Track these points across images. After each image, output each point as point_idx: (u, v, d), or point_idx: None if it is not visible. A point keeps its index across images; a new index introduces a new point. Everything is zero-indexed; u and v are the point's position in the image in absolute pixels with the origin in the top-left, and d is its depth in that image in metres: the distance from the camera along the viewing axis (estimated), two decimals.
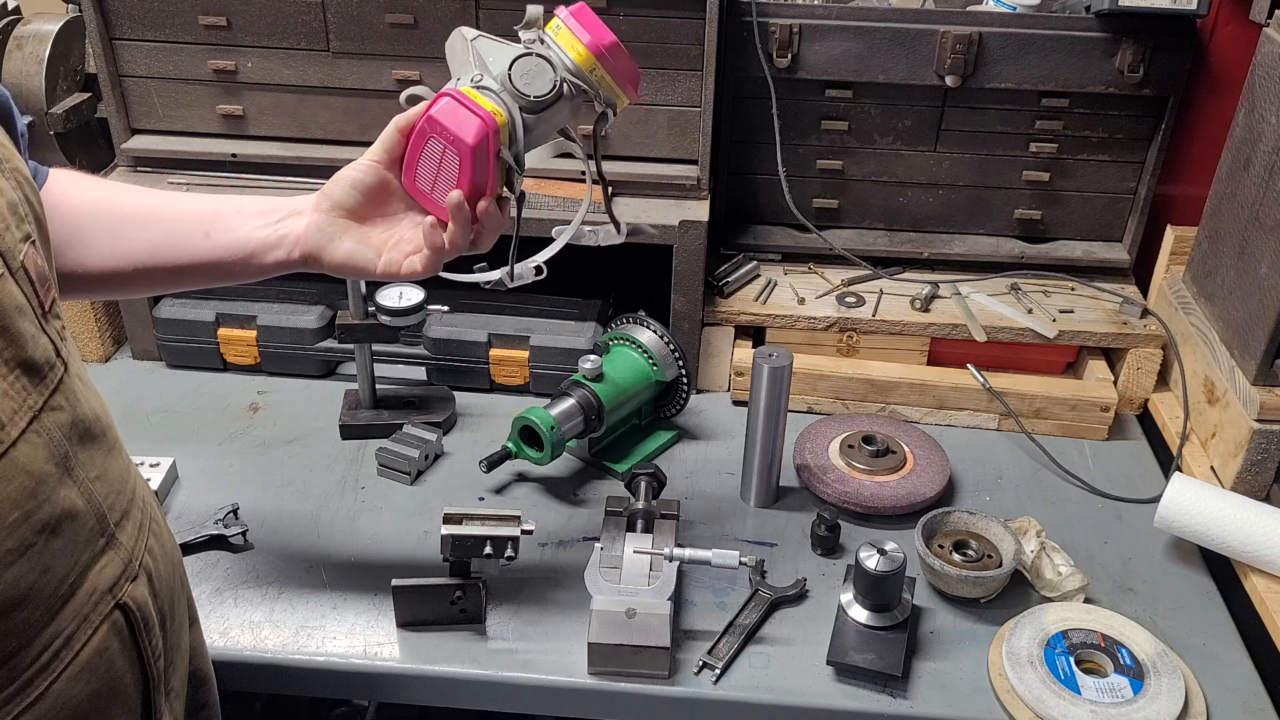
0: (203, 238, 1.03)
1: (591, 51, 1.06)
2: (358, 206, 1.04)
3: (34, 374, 0.72)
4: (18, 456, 0.70)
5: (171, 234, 1.03)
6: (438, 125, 1.01)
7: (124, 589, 0.81)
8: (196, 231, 1.04)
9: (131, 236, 1.02)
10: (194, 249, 1.04)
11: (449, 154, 1.01)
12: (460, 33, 1.07)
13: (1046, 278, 1.67)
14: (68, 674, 0.75)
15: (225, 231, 1.04)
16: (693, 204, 1.54)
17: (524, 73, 1.04)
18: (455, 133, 1.00)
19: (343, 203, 1.04)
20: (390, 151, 1.04)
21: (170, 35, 1.51)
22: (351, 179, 1.04)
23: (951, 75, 1.53)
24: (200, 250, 1.04)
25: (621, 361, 1.47)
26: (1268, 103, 1.36)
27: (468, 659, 1.17)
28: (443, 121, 1.01)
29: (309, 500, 1.39)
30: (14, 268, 0.71)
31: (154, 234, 1.03)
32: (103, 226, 1.02)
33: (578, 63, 1.06)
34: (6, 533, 0.69)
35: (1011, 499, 1.43)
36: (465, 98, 1.01)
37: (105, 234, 1.02)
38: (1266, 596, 1.23)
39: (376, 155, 1.04)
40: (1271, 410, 1.33)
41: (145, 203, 1.06)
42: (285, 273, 1.06)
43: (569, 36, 1.06)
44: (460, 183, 1.01)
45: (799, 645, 1.20)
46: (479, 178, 1.02)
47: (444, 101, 1.01)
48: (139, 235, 1.03)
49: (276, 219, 1.04)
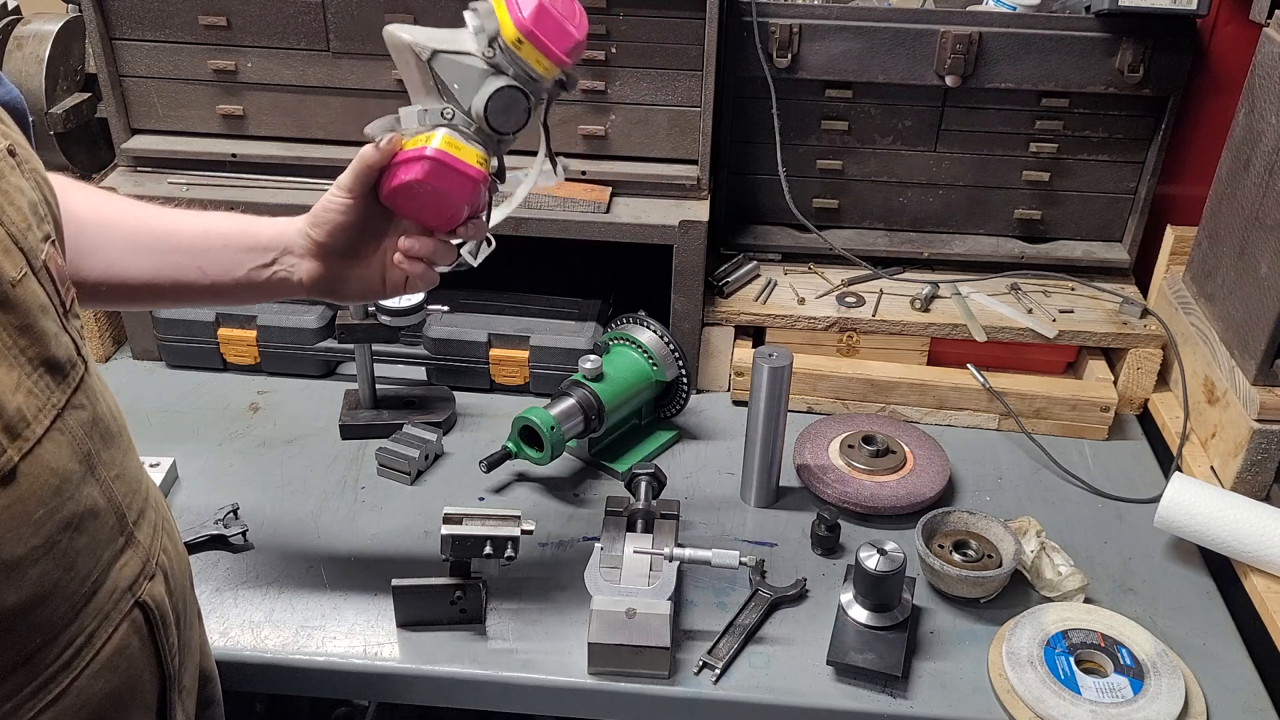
0: (198, 273, 1.04)
1: (554, 63, 1.02)
2: (351, 245, 1.05)
3: (57, 372, 0.73)
4: (43, 454, 0.70)
5: (167, 266, 1.04)
6: (428, 187, 1.01)
7: (143, 587, 0.82)
8: (191, 267, 1.04)
9: (125, 260, 1.03)
10: (192, 281, 1.04)
11: (442, 201, 1.02)
12: (401, 40, 1.02)
13: (1046, 278, 1.67)
14: (89, 671, 0.76)
15: (220, 270, 1.04)
16: (693, 204, 1.54)
17: (499, 111, 1.02)
18: (448, 194, 1.01)
19: (337, 247, 1.05)
20: (365, 185, 1.03)
21: (170, 35, 1.51)
22: (339, 222, 1.04)
23: (951, 75, 1.53)
24: (199, 284, 1.04)
25: (621, 361, 1.47)
26: (1268, 103, 1.36)
27: (468, 659, 1.17)
28: (434, 185, 1.01)
29: (309, 500, 1.39)
30: (36, 267, 0.72)
31: (152, 262, 1.03)
32: (103, 242, 1.02)
33: (542, 73, 1.03)
34: (32, 530, 0.70)
35: (1011, 499, 1.43)
36: (449, 158, 1.00)
37: (105, 250, 1.02)
38: (1266, 596, 1.23)
39: (354, 191, 1.03)
40: (1271, 410, 1.33)
41: (140, 224, 1.05)
42: None
43: (533, 52, 1.01)
44: (449, 222, 1.04)
45: (799, 645, 1.20)
46: (470, 214, 1.05)
47: (430, 165, 1.00)
48: (135, 260, 1.03)
49: (272, 259, 1.05)
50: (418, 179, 1.00)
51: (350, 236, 1.05)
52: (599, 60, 1.48)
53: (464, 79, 1.02)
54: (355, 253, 1.06)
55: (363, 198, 1.03)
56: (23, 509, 0.69)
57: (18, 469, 0.68)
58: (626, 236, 1.51)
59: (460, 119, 1.02)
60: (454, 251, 1.07)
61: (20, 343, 0.69)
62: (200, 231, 1.05)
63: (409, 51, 1.02)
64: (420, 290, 1.10)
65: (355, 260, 1.06)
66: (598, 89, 1.50)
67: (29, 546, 0.70)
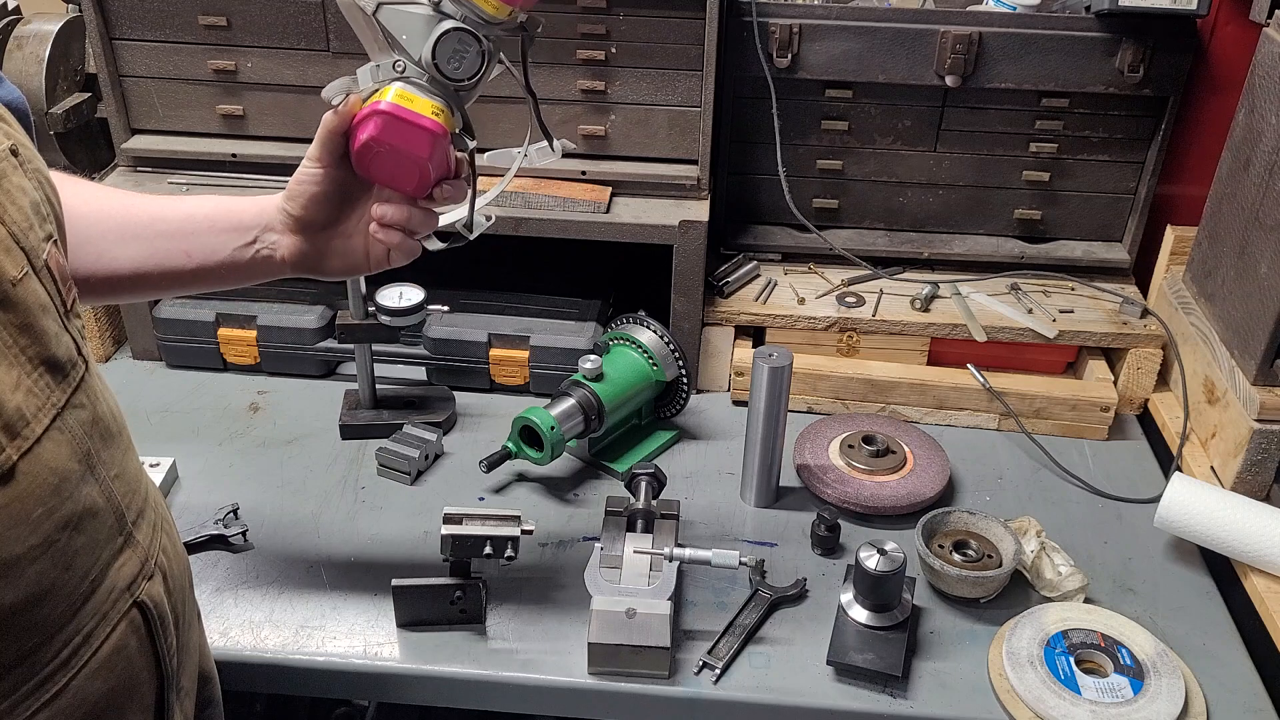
0: (184, 257, 1.03)
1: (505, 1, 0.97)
2: (329, 217, 1.04)
3: (57, 372, 0.73)
4: (42, 454, 0.70)
5: (155, 252, 1.03)
6: (385, 144, 0.98)
7: (141, 587, 0.82)
8: (178, 252, 1.03)
9: (114, 250, 1.02)
10: (178, 266, 1.04)
11: (404, 159, 0.99)
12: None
13: (1046, 278, 1.67)
14: (86, 671, 0.76)
15: (206, 252, 1.04)
16: (693, 204, 1.54)
17: (449, 57, 0.97)
18: (406, 151, 0.98)
19: (316, 220, 1.04)
20: (333, 152, 1.01)
21: (170, 35, 1.51)
22: (313, 194, 1.02)
23: (951, 75, 1.53)
24: (185, 269, 1.04)
25: (621, 361, 1.47)
26: (1268, 103, 1.36)
27: (468, 659, 1.17)
28: (390, 141, 0.97)
29: (309, 500, 1.39)
30: (38, 266, 0.72)
31: (139, 250, 1.03)
32: (93, 234, 1.02)
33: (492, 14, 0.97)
34: (31, 529, 0.70)
35: (1011, 499, 1.43)
36: (404, 111, 0.97)
37: (95, 241, 1.02)
38: (1266, 596, 1.23)
39: (323, 160, 1.01)
40: (1271, 410, 1.33)
41: (128, 214, 1.05)
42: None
43: None
44: (421, 183, 1.01)
45: (799, 645, 1.20)
46: (438, 174, 1.01)
47: (382, 119, 0.97)
48: (123, 250, 1.03)
49: (254, 237, 1.04)
50: (373, 136, 0.98)
51: (328, 208, 1.03)
52: (599, 60, 1.48)
53: (410, 28, 0.98)
54: (335, 226, 1.04)
55: (333, 166, 1.01)
56: (21, 508, 0.69)
57: (17, 468, 0.68)
58: (626, 236, 1.51)
59: (412, 70, 0.99)
60: (434, 219, 1.05)
61: (20, 342, 0.69)
62: (185, 215, 1.05)
63: (355, 8, 0.98)
64: (402, 262, 1.06)
65: (335, 233, 1.05)
66: (598, 89, 1.50)
67: (27, 546, 0.70)
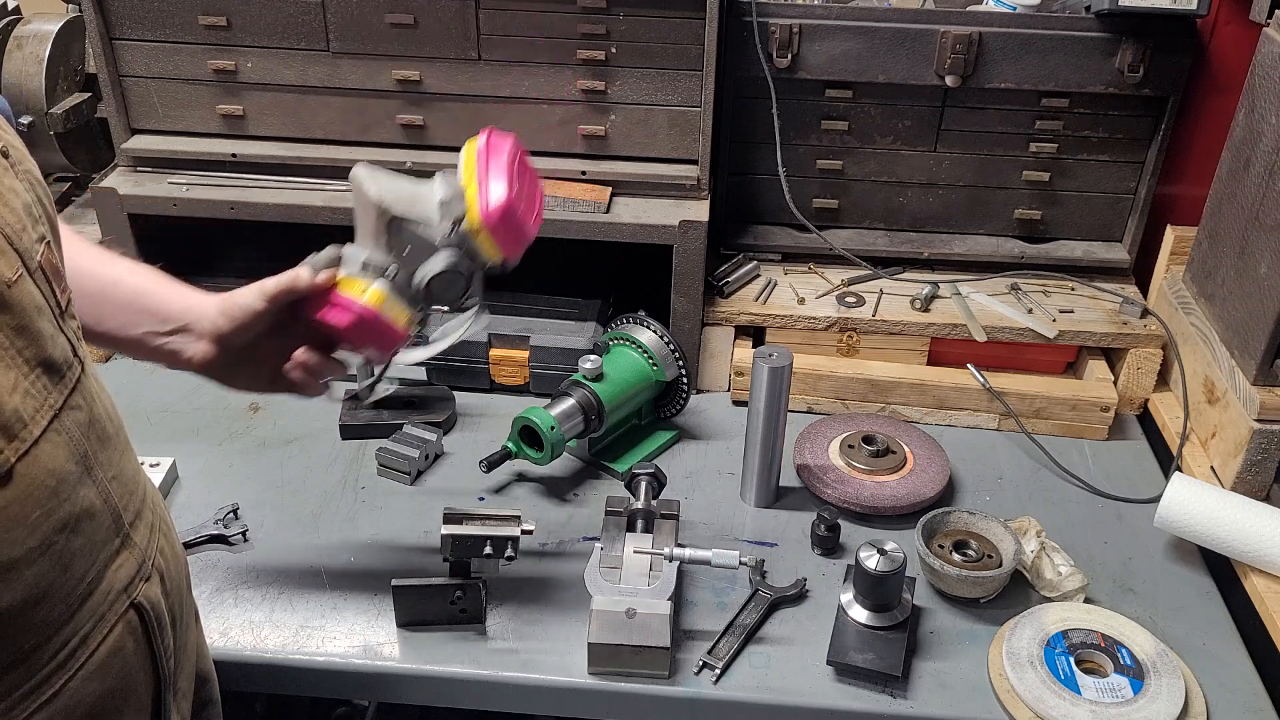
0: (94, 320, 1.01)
1: (503, 255, 1.08)
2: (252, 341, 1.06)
3: (54, 373, 0.73)
4: (40, 455, 0.70)
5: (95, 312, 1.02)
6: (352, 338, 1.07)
7: (138, 589, 0.82)
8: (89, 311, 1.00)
9: None
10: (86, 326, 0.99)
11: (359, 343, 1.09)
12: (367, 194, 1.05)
13: (1046, 278, 1.67)
14: (83, 672, 0.76)
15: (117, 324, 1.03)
16: (693, 204, 1.54)
17: (440, 287, 1.07)
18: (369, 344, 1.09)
19: (237, 342, 1.05)
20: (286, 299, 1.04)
21: (170, 35, 1.51)
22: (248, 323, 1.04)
23: (951, 75, 1.53)
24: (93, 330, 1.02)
25: (621, 361, 1.47)
26: (1268, 103, 1.36)
27: (468, 659, 1.17)
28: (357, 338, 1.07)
29: (309, 500, 1.39)
30: (32, 268, 0.72)
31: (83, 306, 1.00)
32: None
33: (488, 257, 1.08)
34: (28, 530, 0.70)
35: (1011, 499, 1.43)
36: (378, 317, 1.05)
37: None
38: (1266, 596, 1.23)
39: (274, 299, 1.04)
40: (1271, 410, 1.33)
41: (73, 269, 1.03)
42: None
43: (489, 241, 1.06)
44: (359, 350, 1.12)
45: (799, 645, 1.20)
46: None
47: (355, 319, 1.05)
48: None
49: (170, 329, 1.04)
50: (342, 327, 1.05)
51: (255, 335, 1.06)
52: (599, 60, 1.48)
53: (417, 249, 1.06)
54: (253, 349, 1.07)
55: (281, 308, 1.05)
56: (19, 510, 0.69)
57: (14, 470, 0.68)
58: (626, 236, 1.51)
59: (400, 279, 1.07)
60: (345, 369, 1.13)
61: (17, 343, 0.69)
62: (111, 280, 1.03)
63: (371, 205, 1.06)
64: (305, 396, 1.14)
65: (250, 354, 1.07)
66: (598, 89, 1.50)
67: (25, 548, 0.70)
